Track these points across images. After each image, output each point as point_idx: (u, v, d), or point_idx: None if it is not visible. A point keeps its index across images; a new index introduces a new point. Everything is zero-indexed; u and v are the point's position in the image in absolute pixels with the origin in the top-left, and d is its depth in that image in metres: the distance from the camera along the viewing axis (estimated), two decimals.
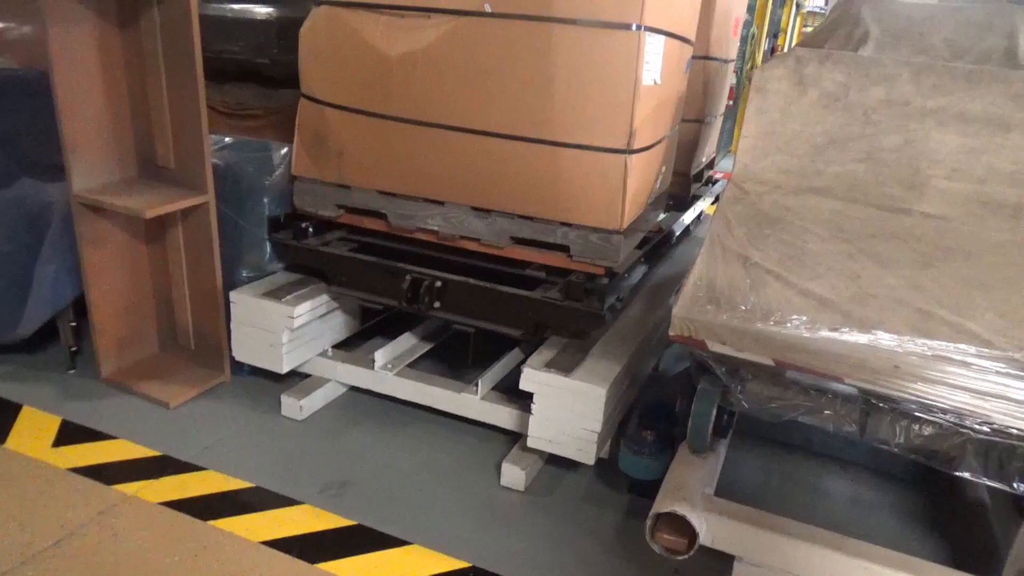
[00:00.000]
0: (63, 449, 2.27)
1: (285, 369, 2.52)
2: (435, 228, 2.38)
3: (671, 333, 1.86)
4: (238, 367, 2.67)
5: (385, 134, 2.30)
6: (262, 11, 2.89)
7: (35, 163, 2.57)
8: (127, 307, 2.66)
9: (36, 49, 2.74)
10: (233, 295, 2.50)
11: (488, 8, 2.07)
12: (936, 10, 2.90)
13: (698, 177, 3.69)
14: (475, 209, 2.32)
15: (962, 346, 1.74)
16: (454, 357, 2.86)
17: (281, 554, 1.93)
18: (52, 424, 2.39)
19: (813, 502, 2.33)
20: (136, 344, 2.75)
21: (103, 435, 2.36)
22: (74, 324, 2.67)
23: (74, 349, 2.69)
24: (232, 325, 2.54)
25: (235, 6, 2.93)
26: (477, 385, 2.46)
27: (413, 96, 2.22)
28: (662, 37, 2.18)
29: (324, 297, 2.57)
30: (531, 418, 2.23)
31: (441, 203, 2.35)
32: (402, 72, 2.20)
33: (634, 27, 2.02)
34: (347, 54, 2.26)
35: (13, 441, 2.29)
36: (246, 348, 2.55)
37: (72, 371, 2.69)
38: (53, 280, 2.51)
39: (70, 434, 2.35)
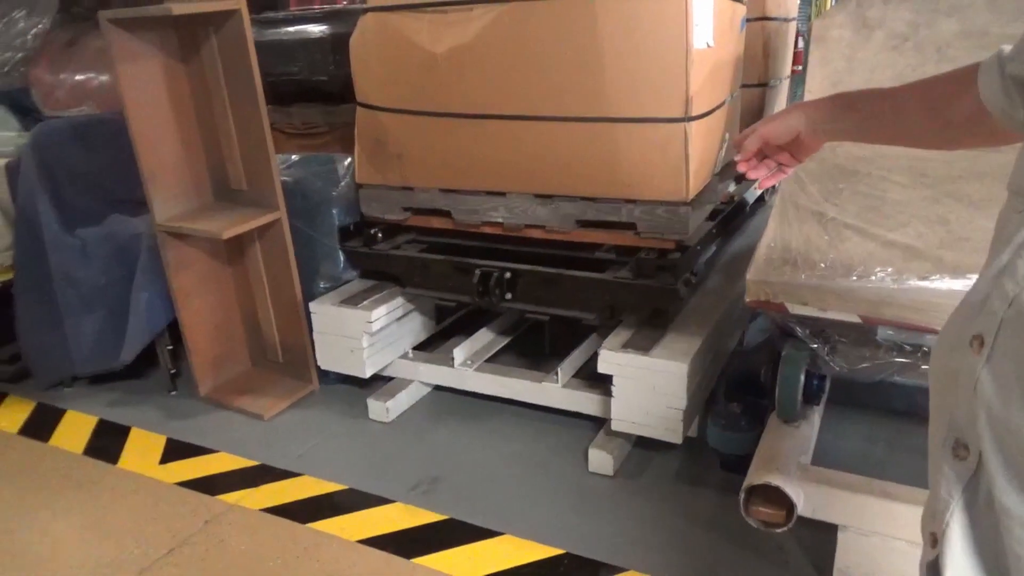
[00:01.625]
0: (170, 465, 2.39)
1: (368, 373, 2.57)
2: (500, 220, 2.38)
3: (747, 299, 1.79)
4: (325, 376, 2.75)
5: (441, 131, 2.31)
6: (315, 30, 2.96)
7: (120, 200, 2.73)
8: (217, 326, 2.78)
9: (113, 94, 2.91)
10: (312, 306, 2.57)
11: None
12: None
13: None
14: (537, 196, 2.30)
15: None
16: (532, 348, 2.85)
17: (377, 551, 1.96)
18: (158, 443, 2.52)
19: (926, 468, 2.19)
20: (229, 362, 2.86)
21: (205, 450, 2.46)
22: (171, 347, 2.81)
23: (173, 371, 2.83)
24: (315, 335, 2.61)
25: (290, 28, 3.02)
26: (557, 374, 2.44)
27: (464, 90, 2.22)
28: None
29: (399, 300, 2.61)
30: (613, 401, 2.19)
31: (503, 194, 2.34)
32: (451, 67, 2.21)
33: None
34: (396, 57, 2.29)
35: (125, 461, 2.42)
36: (330, 356, 2.61)
37: (173, 392, 2.82)
38: (147, 307, 2.64)
39: (175, 451, 2.47)
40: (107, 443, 2.53)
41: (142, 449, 2.49)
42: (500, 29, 2.12)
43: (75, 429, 2.64)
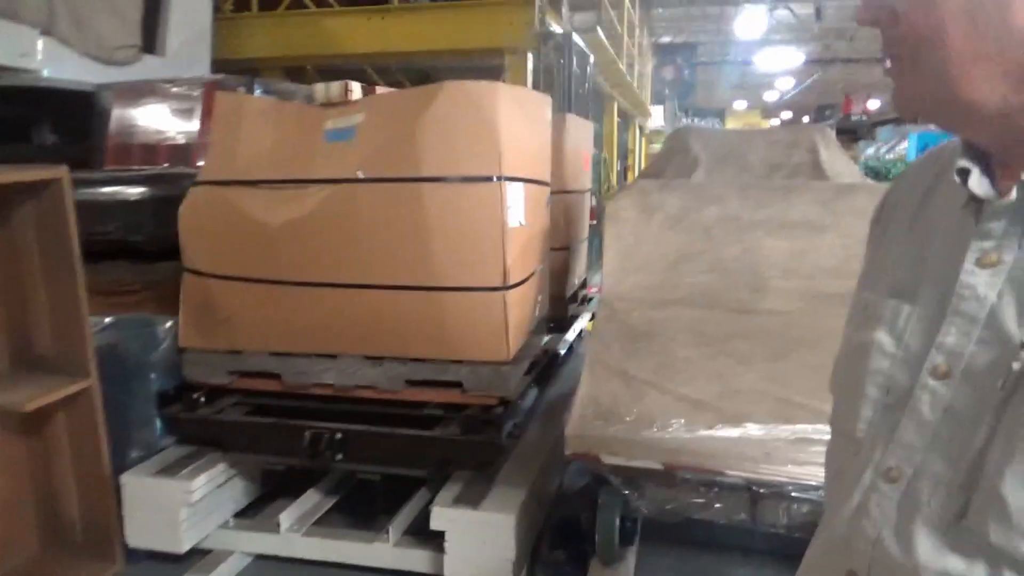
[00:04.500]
0: None
1: (185, 548, 2.45)
2: (331, 381, 2.47)
3: (567, 452, 2.01)
4: (132, 554, 2.56)
5: (273, 297, 2.41)
6: (134, 192, 2.99)
7: None
8: (2, 507, 2.53)
9: None
10: (124, 478, 2.45)
11: (361, 175, 2.29)
12: (751, 135, 3.42)
13: (573, 298, 3.98)
14: (368, 358, 2.43)
15: (820, 426, 1.99)
16: (363, 506, 2.87)
17: None
18: None
19: None
20: (13, 548, 2.58)
21: None
22: None
23: None
24: (124, 510, 2.47)
25: (106, 189, 3.02)
26: (388, 532, 2.49)
27: (298, 260, 2.36)
28: (521, 183, 2.46)
29: (221, 466, 2.56)
30: (445, 557, 2.27)
31: (334, 356, 2.45)
32: (285, 239, 2.35)
33: (495, 179, 2.28)
34: (229, 228, 2.40)
35: None
36: (142, 532, 2.47)
37: None
38: None
39: None
40: None
41: None
42: (334, 206, 2.31)
43: None
